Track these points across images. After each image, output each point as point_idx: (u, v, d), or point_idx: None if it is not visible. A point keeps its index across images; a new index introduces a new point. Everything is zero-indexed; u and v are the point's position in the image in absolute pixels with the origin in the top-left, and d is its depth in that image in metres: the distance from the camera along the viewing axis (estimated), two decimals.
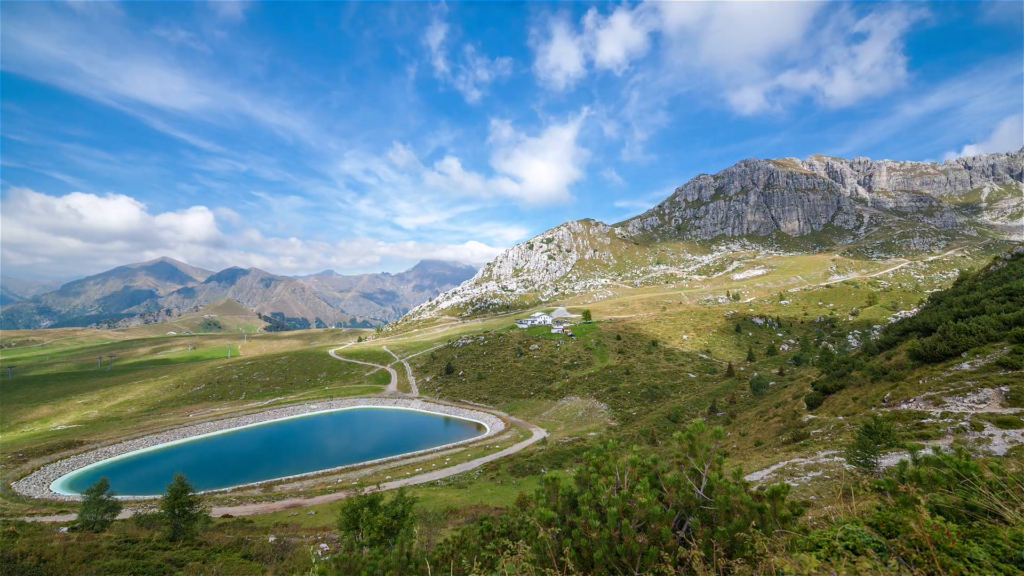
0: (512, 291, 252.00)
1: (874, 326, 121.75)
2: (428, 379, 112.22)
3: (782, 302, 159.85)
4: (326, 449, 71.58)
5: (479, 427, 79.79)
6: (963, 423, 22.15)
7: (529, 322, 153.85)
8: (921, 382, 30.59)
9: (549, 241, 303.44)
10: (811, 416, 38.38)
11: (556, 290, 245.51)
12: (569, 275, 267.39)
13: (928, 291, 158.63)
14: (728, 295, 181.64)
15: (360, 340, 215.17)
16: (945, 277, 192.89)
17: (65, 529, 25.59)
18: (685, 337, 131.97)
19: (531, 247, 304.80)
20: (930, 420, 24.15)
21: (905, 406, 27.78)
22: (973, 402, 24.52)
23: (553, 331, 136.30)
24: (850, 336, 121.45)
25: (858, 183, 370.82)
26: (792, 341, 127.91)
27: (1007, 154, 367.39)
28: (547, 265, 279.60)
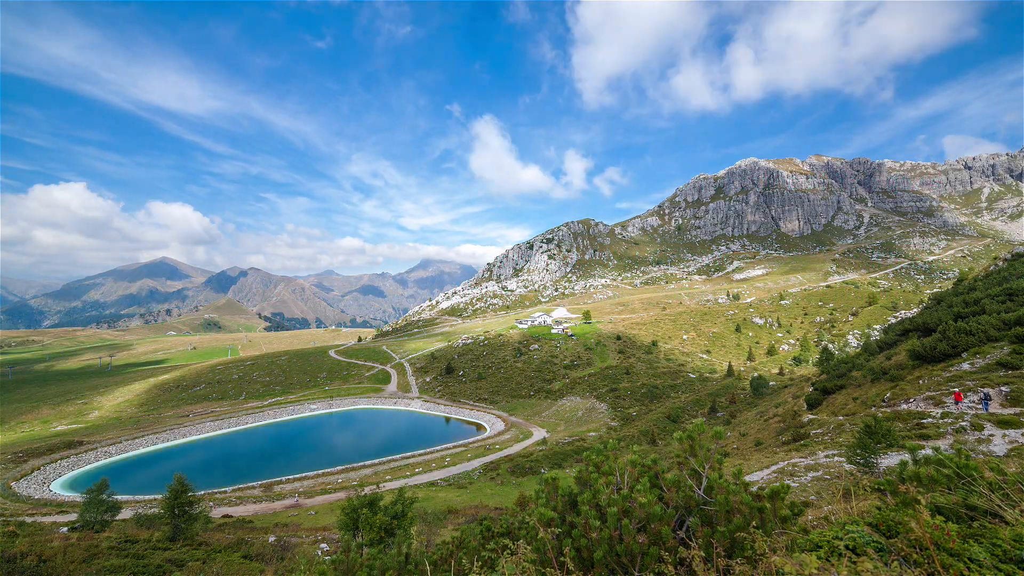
0: (512, 291, 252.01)
1: (874, 326, 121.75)
2: (428, 379, 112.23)
3: (782, 302, 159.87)
4: (326, 449, 71.56)
5: (479, 427, 79.79)
6: (963, 423, 22.15)
7: (529, 322, 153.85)
8: (921, 382, 30.59)
9: (549, 241, 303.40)
10: (811, 416, 38.37)
11: (556, 290, 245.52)
12: (569, 275, 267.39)
13: (928, 291, 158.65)
14: (728, 295, 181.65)
15: (360, 340, 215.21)
16: (945, 277, 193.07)
17: (65, 529, 25.59)
18: (685, 337, 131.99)
19: (531, 247, 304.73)
20: (930, 420, 24.15)
21: (905, 406, 27.78)
22: (973, 402, 24.52)
23: (553, 331, 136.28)
24: (850, 336, 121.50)
25: (858, 183, 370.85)
26: (792, 341, 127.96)
27: (1007, 154, 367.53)
28: (547, 265, 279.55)
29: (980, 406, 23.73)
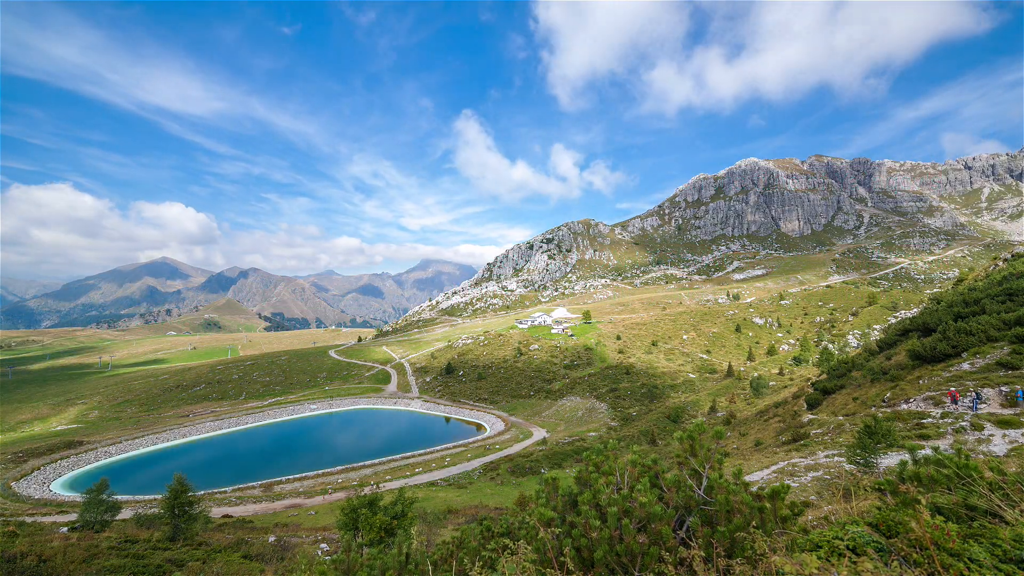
0: (512, 291, 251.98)
1: (874, 326, 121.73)
2: (428, 379, 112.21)
3: (782, 302, 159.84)
4: (326, 449, 71.56)
5: (479, 427, 79.77)
6: (963, 423, 22.15)
7: (529, 322, 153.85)
8: (921, 382, 30.59)
9: (549, 241, 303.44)
10: (811, 416, 38.36)
11: (556, 290, 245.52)
12: (569, 275, 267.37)
13: (928, 291, 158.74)
14: (728, 295, 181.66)
15: (360, 340, 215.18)
16: (945, 277, 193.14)
17: (65, 529, 25.58)
18: (685, 337, 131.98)
19: (531, 247, 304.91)
20: (930, 420, 24.15)
21: (905, 406, 27.78)
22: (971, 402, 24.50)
23: (553, 331, 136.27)
24: (850, 336, 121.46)
25: (858, 183, 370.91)
26: (792, 341, 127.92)
27: (1007, 154, 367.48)
28: (547, 265, 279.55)
29: (980, 406, 23.73)
